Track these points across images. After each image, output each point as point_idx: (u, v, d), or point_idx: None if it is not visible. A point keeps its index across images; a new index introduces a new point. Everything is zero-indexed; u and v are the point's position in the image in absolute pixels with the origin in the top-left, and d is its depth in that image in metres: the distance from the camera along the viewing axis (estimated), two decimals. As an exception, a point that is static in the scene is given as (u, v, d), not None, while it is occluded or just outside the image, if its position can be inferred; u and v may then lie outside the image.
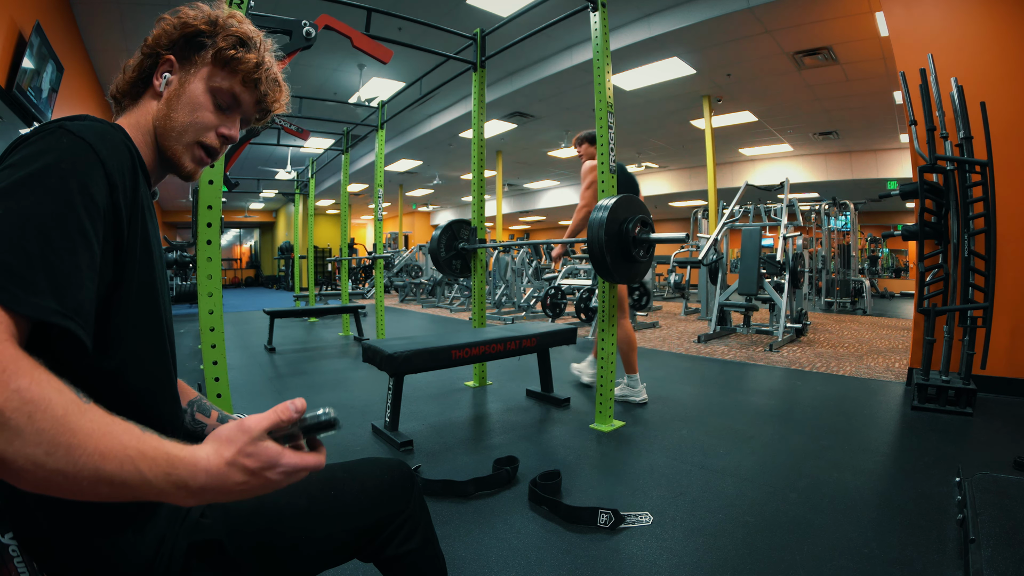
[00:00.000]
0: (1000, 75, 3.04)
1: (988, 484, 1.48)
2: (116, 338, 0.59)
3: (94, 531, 0.59)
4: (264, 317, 7.32)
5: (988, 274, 2.84)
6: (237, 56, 0.72)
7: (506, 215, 19.72)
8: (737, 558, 1.39)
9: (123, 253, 0.59)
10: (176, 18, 0.72)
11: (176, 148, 0.71)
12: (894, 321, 7.02)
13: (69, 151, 0.54)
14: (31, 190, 0.50)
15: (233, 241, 22.52)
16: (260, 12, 1.96)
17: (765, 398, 3.18)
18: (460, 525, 1.58)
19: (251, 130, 2.13)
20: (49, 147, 0.54)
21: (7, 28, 3.28)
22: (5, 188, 0.49)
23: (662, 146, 11.07)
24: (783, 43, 5.86)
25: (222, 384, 1.43)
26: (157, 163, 0.72)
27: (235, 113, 0.76)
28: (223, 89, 0.73)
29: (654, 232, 2.45)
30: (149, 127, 0.71)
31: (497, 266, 8.71)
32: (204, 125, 0.72)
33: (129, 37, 5.62)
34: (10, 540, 0.57)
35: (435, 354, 2.34)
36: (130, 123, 0.70)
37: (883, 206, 14.05)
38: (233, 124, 0.76)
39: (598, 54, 2.44)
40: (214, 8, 0.74)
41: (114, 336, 0.59)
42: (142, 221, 0.62)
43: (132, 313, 0.61)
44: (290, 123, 4.33)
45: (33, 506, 0.56)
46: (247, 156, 10.63)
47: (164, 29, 0.72)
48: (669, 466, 2.04)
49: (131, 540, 0.61)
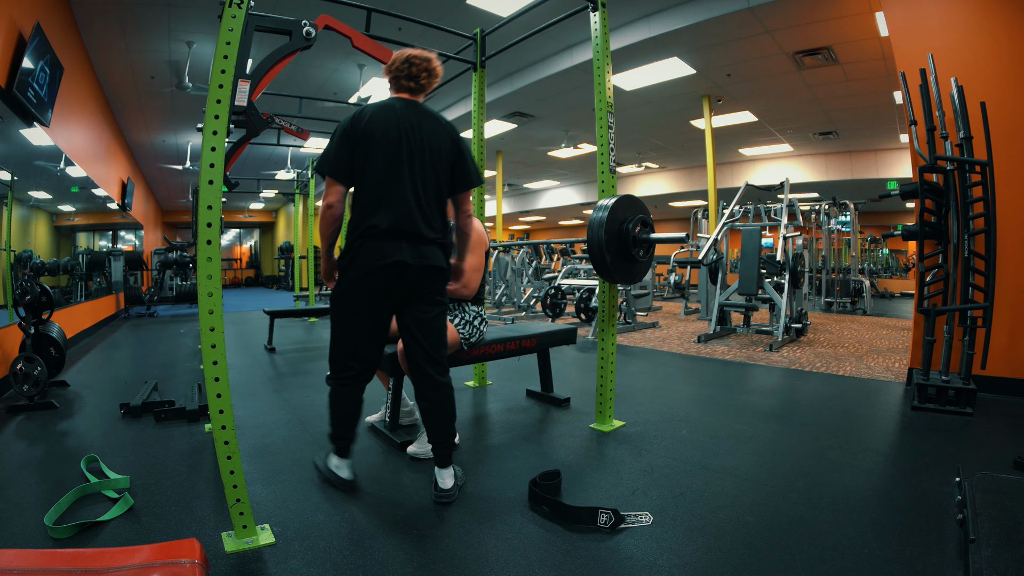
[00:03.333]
0: (1000, 75, 3.04)
1: (988, 484, 1.48)
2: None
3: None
4: (264, 317, 7.32)
5: (988, 274, 2.84)
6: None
7: (506, 215, 19.72)
8: (737, 558, 1.39)
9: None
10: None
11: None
12: (894, 321, 7.02)
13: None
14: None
15: (233, 241, 22.51)
16: (260, 12, 1.96)
17: (765, 398, 3.17)
18: (460, 525, 1.58)
19: (250, 130, 2.13)
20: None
21: (7, 28, 3.28)
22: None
23: (662, 146, 11.07)
24: (783, 43, 5.86)
25: (222, 384, 1.43)
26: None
27: None
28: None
29: (654, 232, 2.45)
30: None
31: (497, 266, 8.71)
32: None
33: (129, 37, 5.62)
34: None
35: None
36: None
37: (883, 206, 14.06)
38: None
39: (598, 54, 2.44)
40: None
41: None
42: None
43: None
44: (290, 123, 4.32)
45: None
46: (247, 156, 10.62)
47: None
48: (669, 466, 2.04)
49: None
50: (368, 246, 1.64)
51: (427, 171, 1.71)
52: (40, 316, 3.13)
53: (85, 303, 6.10)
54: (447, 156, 1.76)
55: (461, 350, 2.33)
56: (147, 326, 7.17)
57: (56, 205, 4.99)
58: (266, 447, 2.27)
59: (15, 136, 3.64)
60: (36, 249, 4.39)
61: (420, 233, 1.67)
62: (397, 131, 1.68)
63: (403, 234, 1.65)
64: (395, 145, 1.67)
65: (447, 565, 1.37)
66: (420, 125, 1.73)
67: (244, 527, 1.46)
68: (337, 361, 1.74)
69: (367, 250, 1.64)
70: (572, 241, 6.97)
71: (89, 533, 1.52)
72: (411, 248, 1.65)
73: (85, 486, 1.77)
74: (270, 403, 3.00)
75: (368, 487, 1.87)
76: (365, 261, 1.63)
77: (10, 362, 2.94)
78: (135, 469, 1.99)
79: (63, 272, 5.34)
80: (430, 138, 1.73)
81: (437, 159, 1.74)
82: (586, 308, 6.14)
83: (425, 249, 1.68)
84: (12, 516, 1.63)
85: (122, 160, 8.65)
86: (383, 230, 1.63)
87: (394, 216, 1.64)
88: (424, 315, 1.74)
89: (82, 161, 5.39)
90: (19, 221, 3.92)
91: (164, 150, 10.39)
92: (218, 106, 1.45)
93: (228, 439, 1.44)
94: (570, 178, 15.27)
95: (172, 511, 1.66)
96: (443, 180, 1.76)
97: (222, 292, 1.45)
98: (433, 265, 1.70)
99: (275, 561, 1.39)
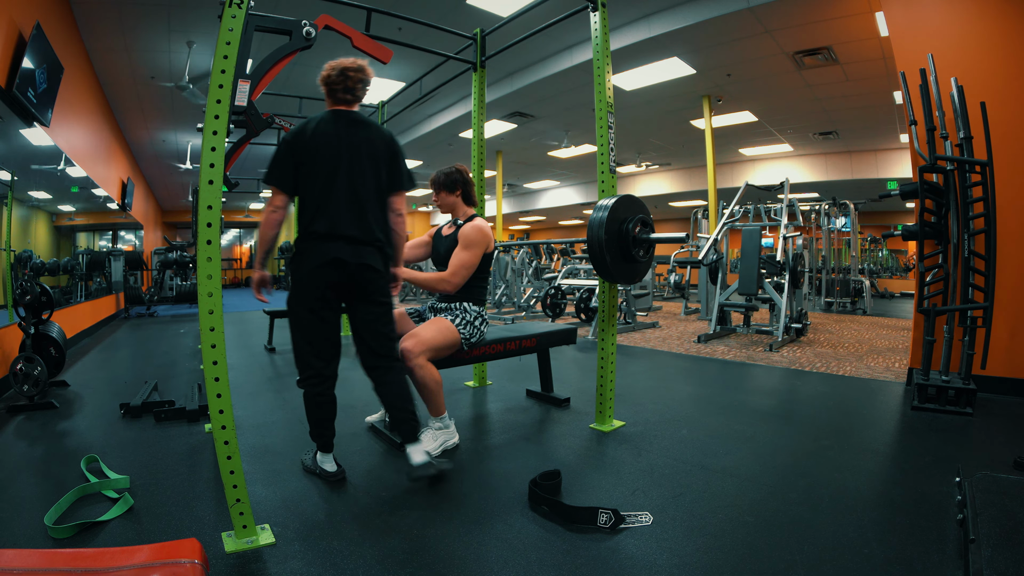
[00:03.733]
0: (1000, 75, 3.04)
1: (988, 484, 1.47)
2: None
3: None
4: (264, 317, 7.32)
5: (988, 274, 2.84)
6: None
7: (506, 215, 19.71)
8: (737, 558, 1.39)
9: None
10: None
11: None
12: (894, 321, 7.02)
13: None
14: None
15: (233, 241, 22.50)
16: (260, 12, 1.96)
17: (765, 398, 3.17)
18: (460, 525, 1.58)
19: (250, 130, 2.13)
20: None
21: (7, 28, 3.28)
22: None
23: (662, 146, 11.07)
24: (783, 43, 5.86)
25: (222, 384, 1.43)
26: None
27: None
28: None
29: (654, 232, 2.45)
30: None
31: (497, 266, 8.71)
32: None
33: (129, 37, 5.62)
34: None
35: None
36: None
37: (883, 206, 14.06)
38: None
39: (598, 54, 2.44)
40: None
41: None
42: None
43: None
44: (290, 123, 4.33)
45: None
46: (247, 156, 10.60)
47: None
48: (669, 466, 2.04)
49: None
50: (311, 247, 1.81)
51: (366, 179, 1.86)
52: (40, 316, 3.14)
53: (85, 303, 6.10)
54: (384, 161, 1.89)
55: (461, 350, 2.33)
56: (147, 326, 7.17)
57: (56, 205, 4.99)
58: (266, 447, 2.27)
59: (15, 136, 3.63)
60: (36, 249, 4.39)
61: (355, 236, 1.83)
62: (336, 143, 1.83)
63: (340, 237, 1.81)
64: (334, 157, 1.82)
65: (447, 565, 1.37)
66: (358, 135, 1.86)
67: (244, 527, 1.46)
68: (301, 362, 1.88)
69: (310, 250, 1.81)
70: (572, 241, 6.96)
71: (89, 533, 1.52)
72: (349, 247, 1.81)
73: (85, 486, 1.77)
74: (270, 403, 3.00)
75: (368, 487, 1.87)
76: (310, 259, 1.80)
77: (10, 362, 2.94)
78: (135, 469, 1.99)
79: (63, 272, 5.34)
80: (367, 147, 1.87)
81: (375, 167, 1.87)
82: (586, 308, 6.14)
83: (361, 249, 1.83)
84: (12, 516, 1.63)
85: (122, 160, 8.64)
86: (322, 234, 1.80)
87: (331, 222, 1.80)
88: (367, 316, 1.90)
89: (82, 161, 5.39)
90: (19, 221, 3.92)
91: (164, 150, 10.39)
92: (218, 106, 1.45)
93: (228, 439, 1.44)
94: (570, 178, 15.26)
95: (172, 511, 1.66)
96: (383, 186, 1.90)
97: (222, 292, 1.45)
98: (368, 264, 1.83)
99: (275, 561, 1.39)
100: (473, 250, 2.29)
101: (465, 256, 2.28)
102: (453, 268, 2.28)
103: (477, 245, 2.30)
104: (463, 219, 2.45)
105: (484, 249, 2.34)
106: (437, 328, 2.21)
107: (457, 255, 2.30)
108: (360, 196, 1.84)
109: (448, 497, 1.78)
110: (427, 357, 2.13)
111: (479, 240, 2.31)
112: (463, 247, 2.30)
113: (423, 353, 2.11)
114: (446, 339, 2.21)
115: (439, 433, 2.19)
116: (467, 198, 2.48)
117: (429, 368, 2.12)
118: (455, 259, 2.30)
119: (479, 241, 2.30)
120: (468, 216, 2.45)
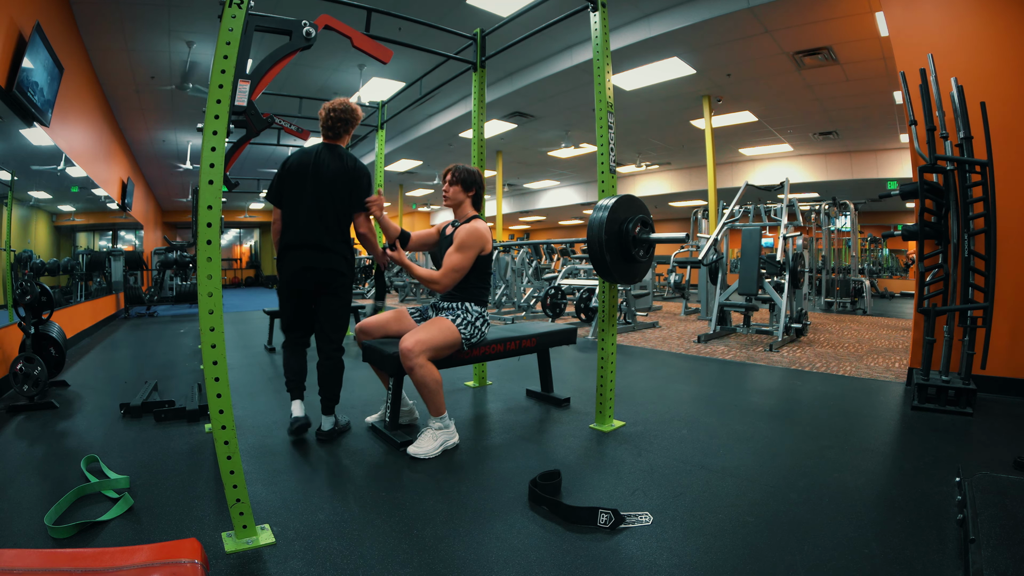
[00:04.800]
0: (1000, 75, 3.04)
1: (988, 484, 1.47)
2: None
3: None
4: (264, 317, 7.32)
5: (988, 274, 2.84)
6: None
7: (506, 215, 19.72)
8: (737, 558, 1.39)
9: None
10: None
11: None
12: (894, 321, 7.02)
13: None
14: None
15: (233, 241, 22.50)
16: (260, 12, 1.96)
17: (765, 398, 3.17)
18: (460, 525, 1.58)
19: (250, 130, 2.13)
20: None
21: (7, 28, 3.28)
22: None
23: (662, 146, 11.07)
24: (783, 43, 5.86)
25: (222, 384, 1.42)
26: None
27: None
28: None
29: (654, 232, 2.45)
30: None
31: (497, 266, 8.71)
32: None
33: (129, 37, 5.63)
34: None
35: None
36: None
37: (883, 206, 14.06)
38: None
39: (598, 54, 2.44)
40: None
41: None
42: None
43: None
44: (290, 123, 4.32)
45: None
46: (247, 156, 10.62)
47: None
48: (669, 466, 2.04)
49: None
50: (286, 255, 2.31)
51: (327, 199, 2.28)
52: (40, 316, 3.13)
53: (85, 303, 6.10)
54: (346, 185, 2.30)
55: (462, 350, 2.33)
56: (147, 326, 7.17)
57: (56, 205, 4.99)
58: (266, 447, 2.27)
59: (15, 136, 3.64)
60: (36, 249, 4.39)
61: (320, 244, 2.27)
62: (307, 170, 2.28)
63: (305, 245, 2.27)
64: (302, 180, 2.28)
65: (447, 565, 1.37)
66: (328, 164, 2.28)
67: (244, 527, 1.46)
68: (284, 328, 2.49)
69: (286, 257, 2.32)
70: (572, 241, 6.96)
71: (89, 533, 1.52)
72: (315, 254, 2.27)
73: (85, 486, 1.77)
74: (270, 403, 3.00)
75: (368, 486, 1.88)
76: (287, 265, 2.31)
77: (10, 362, 2.94)
78: (135, 469, 1.99)
79: (63, 272, 5.33)
80: (334, 174, 2.28)
81: (337, 190, 2.29)
82: (586, 308, 6.14)
83: (326, 255, 2.28)
84: (12, 516, 1.63)
85: (122, 160, 8.64)
86: (291, 243, 2.29)
87: (297, 233, 2.28)
88: (327, 306, 2.35)
89: (82, 161, 5.39)
90: (19, 221, 3.92)
91: (164, 150, 10.39)
92: (218, 106, 1.45)
93: (228, 439, 1.44)
94: (570, 178, 15.27)
95: (172, 511, 1.66)
96: (340, 205, 2.30)
97: (222, 292, 1.45)
98: (332, 268, 2.29)
99: (275, 561, 1.39)
100: (465, 252, 2.31)
101: (456, 258, 2.31)
102: (444, 270, 2.31)
103: (470, 248, 2.32)
104: (462, 220, 2.47)
105: (478, 251, 2.35)
106: (438, 328, 2.22)
107: (449, 256, 2.32)
108: (326, 212, 2.27)
109: (448, 497, 1.78)
110: (427, 357, 2.13)
111: (472, 243, 2.32)
112: (456, 248, 2.32)
113: (423, 353, 2.11)
114: (446, 339, 2.22)
115: (439, 433, 2.19)
116: (476, 201, 2.52)
117: (429, 368, 2.13)
118: (446, 260, 2.33)
119: (472, 244, 2.32)
120: (467, 218, 2.46)
